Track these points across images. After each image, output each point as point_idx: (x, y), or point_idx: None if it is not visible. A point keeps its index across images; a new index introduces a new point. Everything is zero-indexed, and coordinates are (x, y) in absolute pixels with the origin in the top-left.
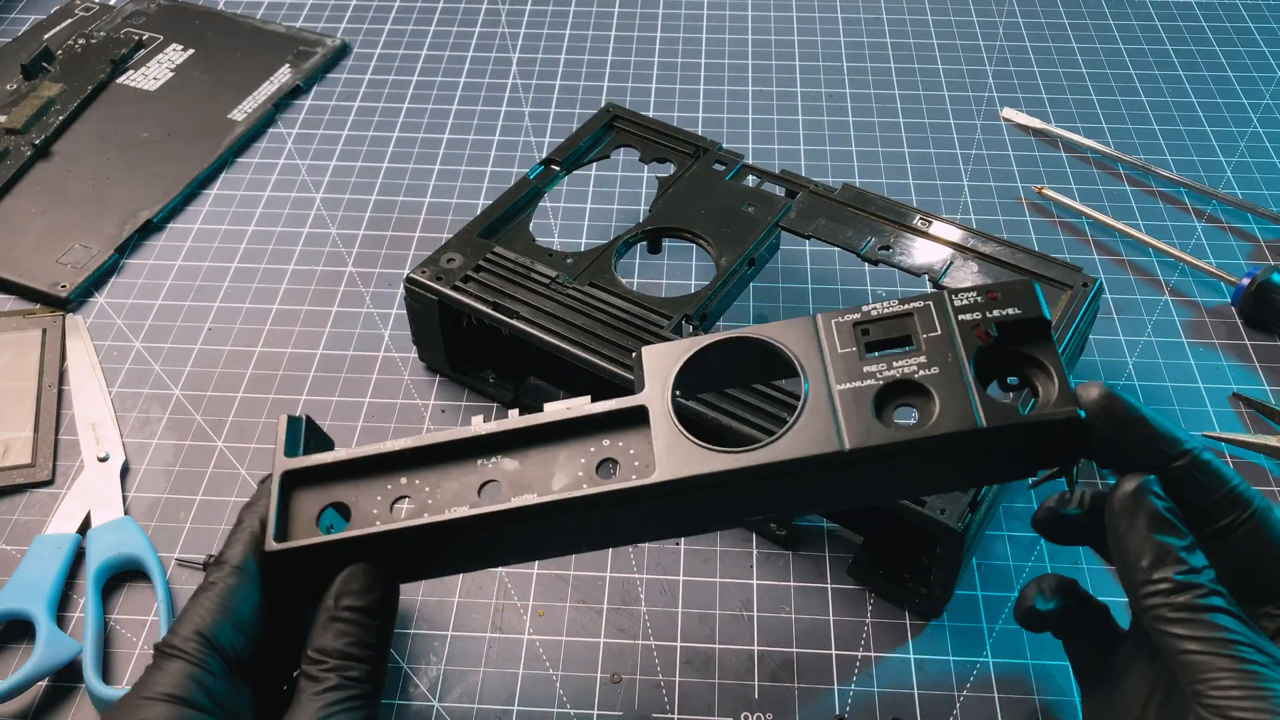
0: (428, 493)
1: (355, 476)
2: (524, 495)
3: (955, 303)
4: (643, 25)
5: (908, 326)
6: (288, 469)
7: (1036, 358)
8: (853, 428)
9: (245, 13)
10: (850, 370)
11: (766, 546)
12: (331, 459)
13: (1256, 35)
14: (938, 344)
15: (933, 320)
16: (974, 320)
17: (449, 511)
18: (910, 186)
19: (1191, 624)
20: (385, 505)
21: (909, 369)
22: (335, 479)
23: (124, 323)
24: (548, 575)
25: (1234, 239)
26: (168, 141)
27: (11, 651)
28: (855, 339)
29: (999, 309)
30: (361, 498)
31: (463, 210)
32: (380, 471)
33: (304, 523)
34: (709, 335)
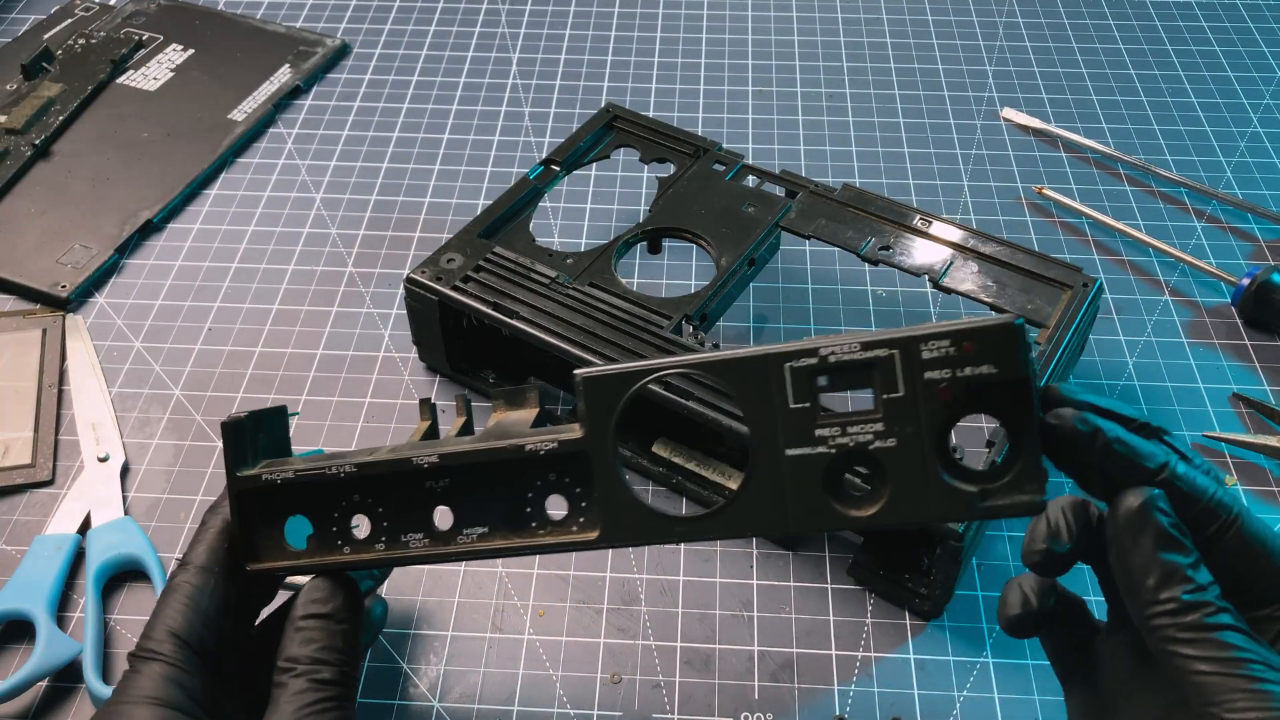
0: (382, 513)
1: (309, 493)
2: (474, 529)
3: (924, 355)
4: (643, 25)
5: (868, 379)
6: (242, 488)
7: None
8: (798, 506)
9: (245, 13)
10: (801, 432)
11: (766, 546)
12: (280, 476)
13: (1256, 35)
14: (899, 409)
15: (895, 377)
16: (942, 379)
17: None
18: (910, 186)
19: (1202, 644)
20: (343, 520)
21: (864, 437)
22: (290, 496)
23: (124, 323)
24: (548, 575)
25: (1234, 239)
26: (168, 141)
27: (11, 651)
28: (809, 390)
29: (973, 365)
30: (319, 511)
31: (463, 210)
32: (333, 488)
33: (270, 539)
34: (653, 365)
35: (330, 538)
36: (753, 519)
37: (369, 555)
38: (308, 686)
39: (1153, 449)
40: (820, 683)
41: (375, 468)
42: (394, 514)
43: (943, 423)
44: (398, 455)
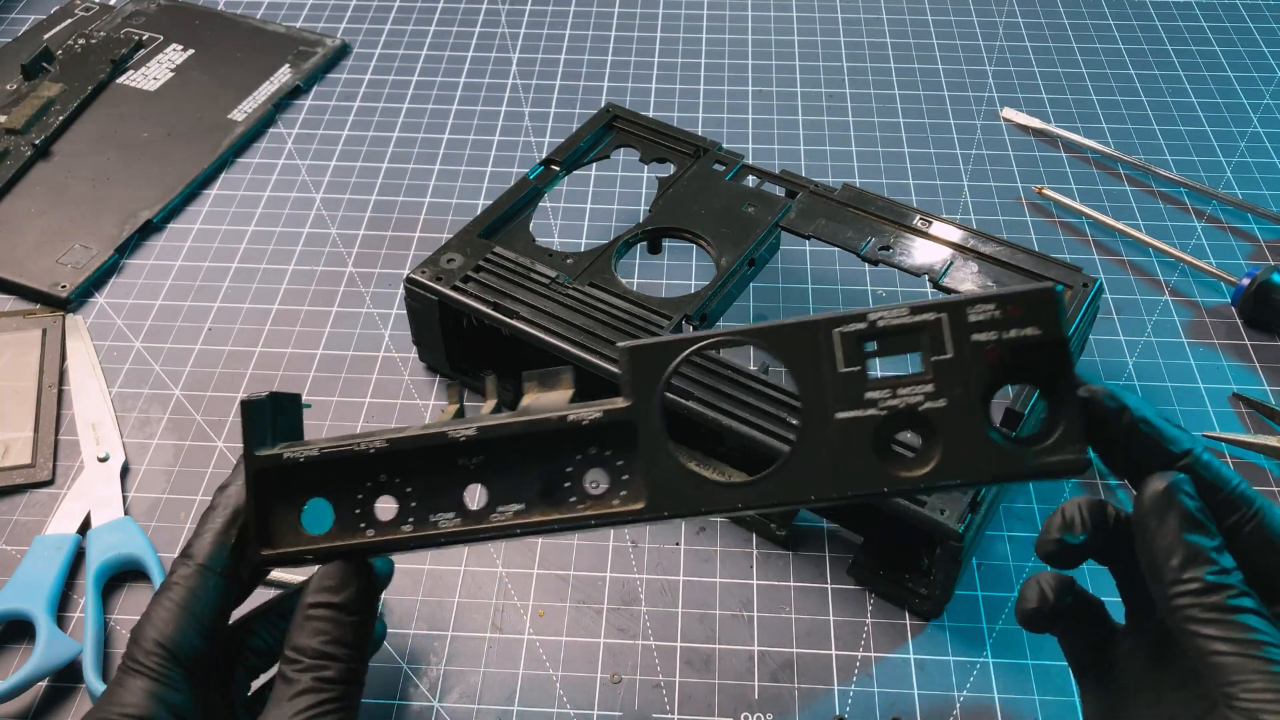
0: (410, 493)
1: (333, 471)
2: (509, 505)
3: (971, 318)
4: (643, 25)
5: (916, 343)
6: (260, 467)
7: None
8: (849, 470)
9: (245, 13)
10: (851, 395)
11: (766, 547)
12: (304, 455)
13: (1256, 35)
14: (948, 370)
15: (943, 339)
16: (989, 341)
17: (436, 522)
18: (910, 186)
19: (1222, 625)
20: (367, 502)
21: (914, 398)
22: (313, 475)
23: (124, 323)
24: (548, 575)
25: (1234, 239)
26: (168, 141)
27: (12, 652)
28: (858, 355)
29: (1017, 328)
30: (341, 492)
31: (463, 210)
32: (358, 467)
33: (286, 522)
34: (699, 336)
35: (352, 520)
36: (803, 483)
37: (395, 536)
38: (312, 685)
39: (1178, 434)
40: (820, 683)
41: (407, 443)
42: (423, 493)
43: (989, 385)
44: (431, 430)
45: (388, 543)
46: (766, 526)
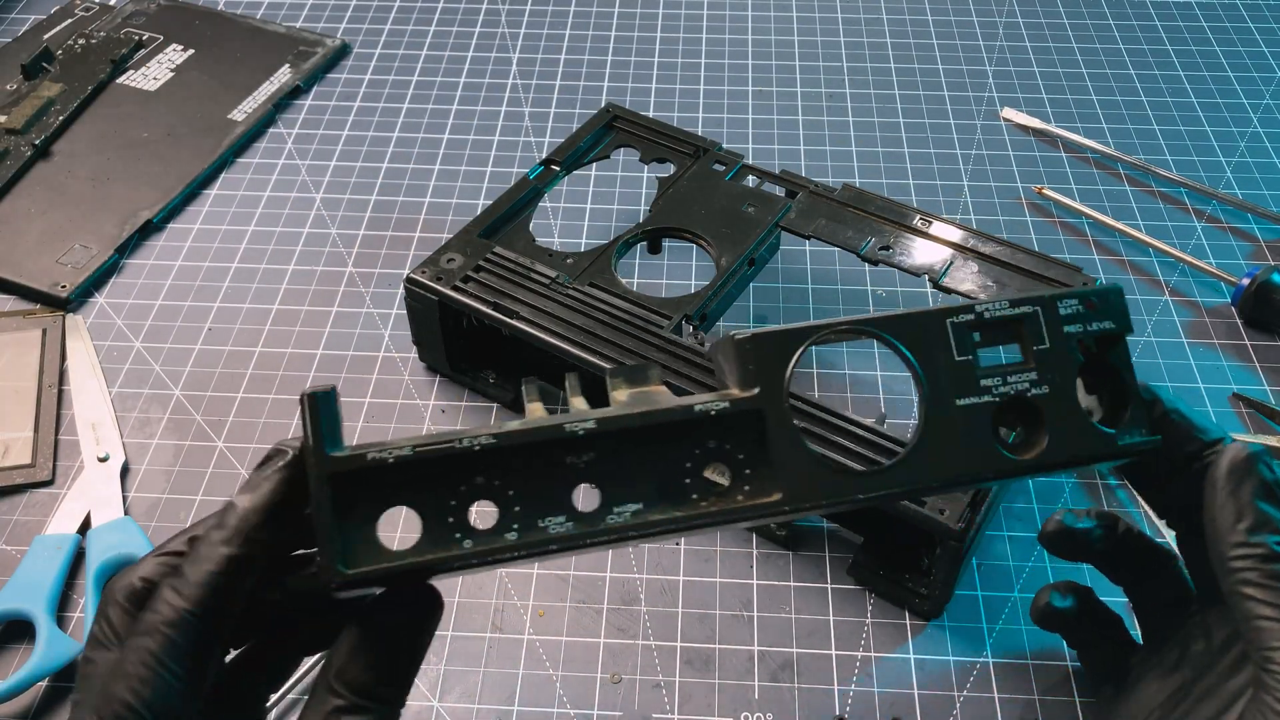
0: (512, 497)
1: (420, 476)
2: (625, 506)
3: (1062, 311)
4: (643, 25)
5: (1017, 334)
6: (335, 470)
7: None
8: (971, 454)
9: (245, 13)
10: (968, 383)
11: (766, 546)
12: (394, 455)
13: (1256, 35)
14: (1047, 359)
15: (1041, 330)
16: (1078, 333)
17: (545, 528)
18: (910, 186)
19: (1275, 592)
20: (461, 509)
21: (1021, 385)
22: (395, 480)
23: (124, 323)
24: (548, 575)
25: (1234, 239)
26: (168, 141)
27: (12, 652)
28: (969, 344)
29: (1096, 321)
30: (430, 499)
31: (463, 210)
32: (451, 470)
33: (362, 535)
34: (821, 324)
35: (444, 531)
36: (932, 468)
37: (499, 546)
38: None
39: (1209, 424)
40: (820, 683)
41: (516, 438)
42: (527, 496)
43: (1077, 373)
44: (543, 424)
45: (490, 554)
46: (767, 526)
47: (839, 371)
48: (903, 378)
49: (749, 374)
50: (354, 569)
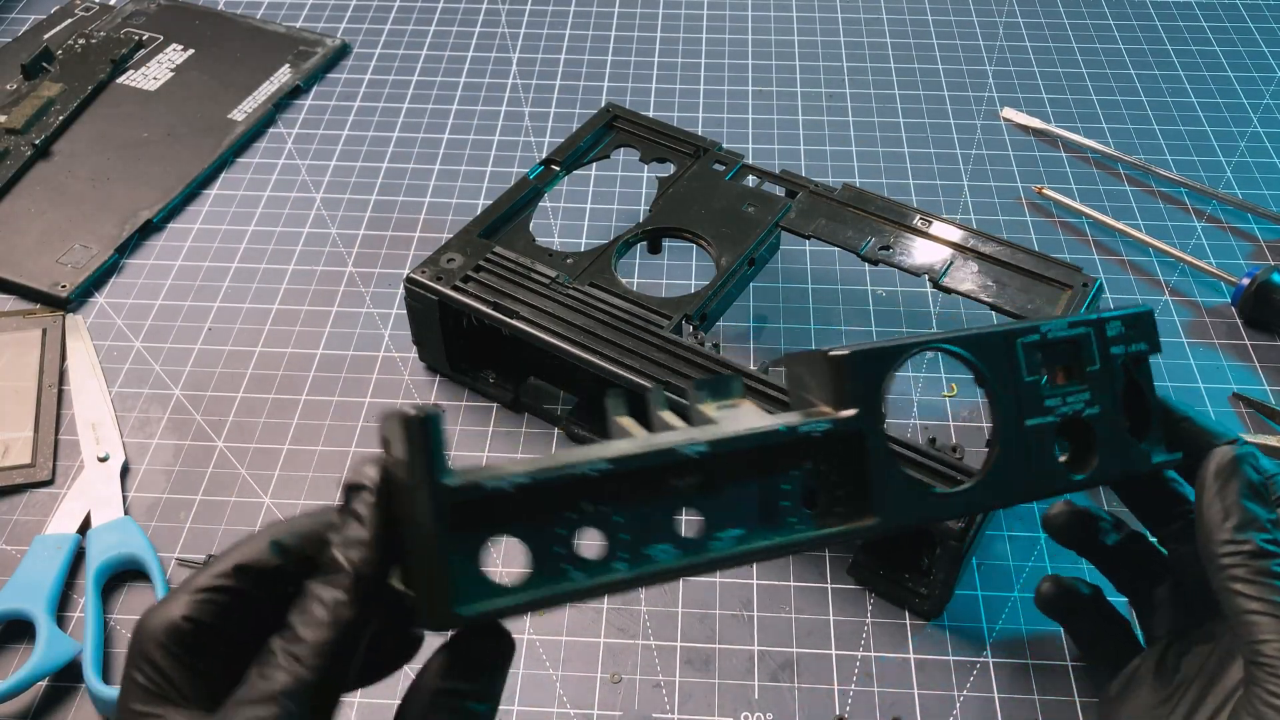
0: (619, 524)
1: (529, 503)
2: (728, 531)
3: (1109, 332)
4: (643, 25)
5: (1075, 355)
6: (455, 501)
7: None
8: (1038, 472)
9: (245, 13)
10: (1035, 403)
11: None
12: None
13: (1256, 35)
14: (1098, 380)
15: (1093, 350)
16: (1121, 354)
17: (653, 557)
18: (910, 186)
19: (1262, 587)
20: (568, 539)
21: (1078, 405)
22: (507, 508)
23: (124, 323)
24: None
25: (1234, 239)
26: (168, 141)
27: (12, 651)
28: (1037, 365)
29: (1135, 343)
30: (539, 530)
31: (463, 210)
32: (561, 496)
33: (468, 572)
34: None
35: (553, 563)
36: (1009, 486)
37: (612, 578)
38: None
39: (1221, 428)
40: (820, 683)
41: (634, 461)
42: (633, 523)
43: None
44: (659, 445)
45: (602, 589)
46: None
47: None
48: (902, 377)
49: (845, 392)
50: (469, 609)
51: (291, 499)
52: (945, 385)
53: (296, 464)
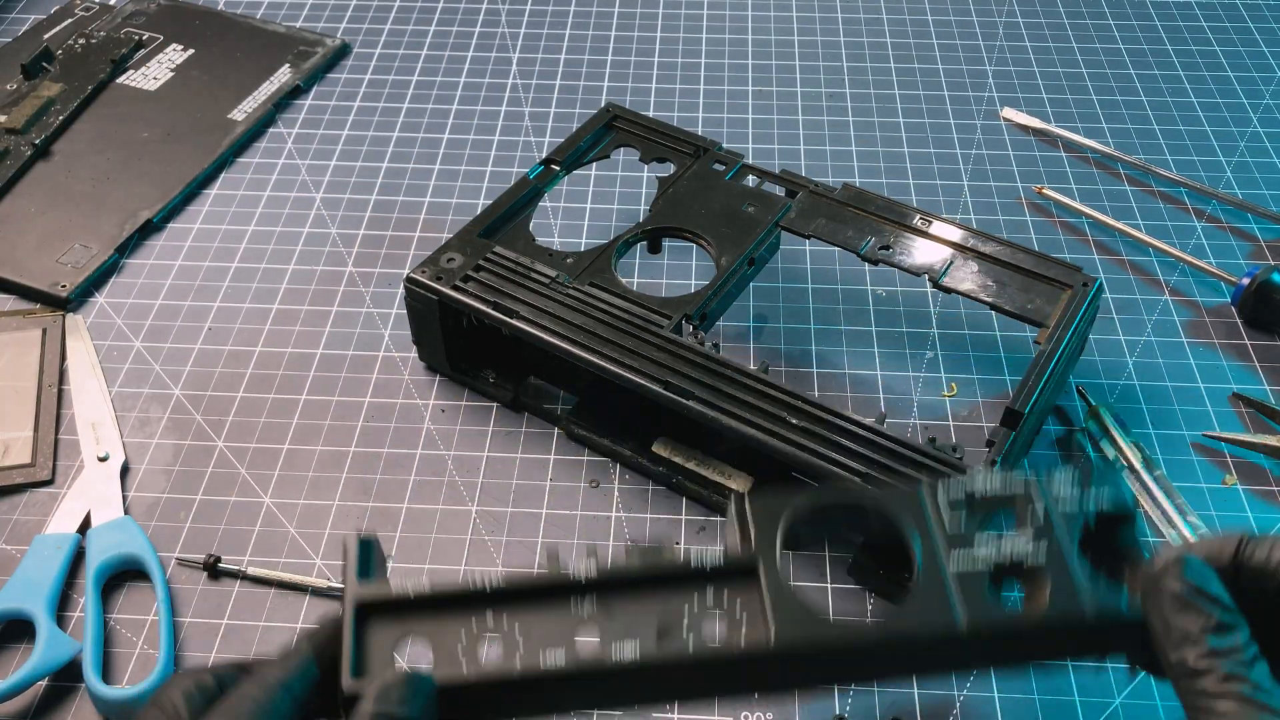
0: (518, 635)
1: (437, 610)
2: (624, 645)
3: (1056, 488)
4: (643, 25)
5: (1013, 504)
6: (362, 599)
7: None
8: (970, 610)
9: (245, 13)
10: (961, 549)
11: None
12: (413, 593)
13: (1256, 35)
14: (1042, 527)
15: (1035, 503)
16: (1073, 509)
17: (544, 658)
18: (910, 186)
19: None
20: (471, 644)
21: (1018, 552)
22: (415, 611)
23: (124, 323)
24: None
25: (1234, 239)
26: (168, 141)
27: (11, 651)
28: (963, 514)
29: (1092, 498)
30: (443, 633)
31: (463, 210)
32: (463, 607)
33: (380, 658)
34: (819, 490)
35: (455, 663)
36: (925, 623)
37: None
38: None
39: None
40: None
41: (525, 580)
42: (532, 635)
43: (1079, 539)
44: (550, 572)
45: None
46: None
47: (839, 371)
48: (902, 377)
49: (747, 529)
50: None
51: (291, 499)
52: (945, 385)
53: (296, 464)
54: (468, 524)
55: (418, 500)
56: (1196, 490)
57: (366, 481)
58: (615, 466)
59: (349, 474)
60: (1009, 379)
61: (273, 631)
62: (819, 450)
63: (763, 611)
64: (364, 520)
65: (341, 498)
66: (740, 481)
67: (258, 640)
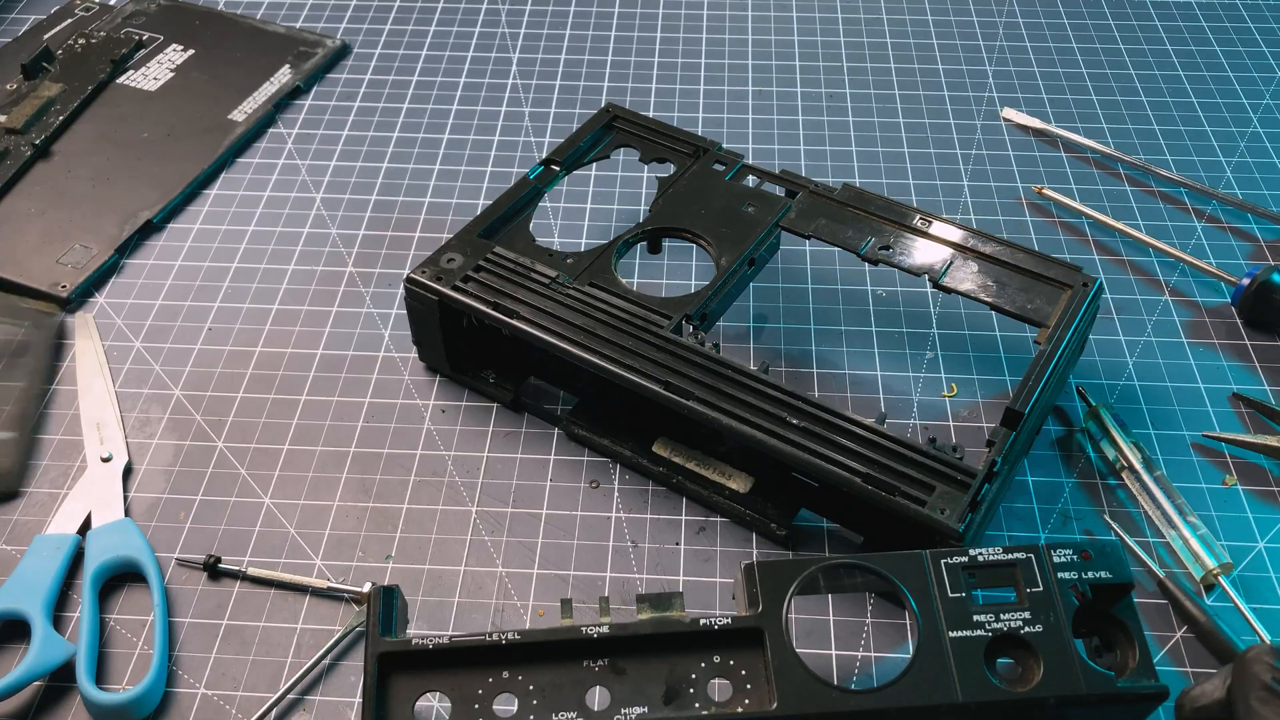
0: (532, 691)
1: (455, 664)
2: (632, 708)
3: (1054, 560)
4: (643, 25)
5: (1011, 577)
6: (384, 651)
7: (1121, 622)
8: (966, 680)
9: (245, 13)
10: (961, 618)
11: (766, 546)
12: (432, 645)
13: (1256, 35)
14: (1040, 600)
15: (1035, 574)
16: (1071, 579)
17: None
18: (910, 186)
19: None
20: (486, 699)
21: (1015, 623)
22: (434, 664)
23: (124, 323)
24: (548, 575)
25: (1234, 239)
26: (168, 141)
27: (8, 652)
28: (963, 584)
29: (1092, 570)
30: (461, 687)
31: (463, 210)
32: (481, 662)
33: (400, 709)
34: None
35: (471, 715)
36: (923, 690)
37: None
38: None
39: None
40: None
41: (539, 635)
42: (545, 692)
43: (1075, 613)
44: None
45: None
46: (767, 525)
47: (839, 371)
48: (902, 377)
49: (755, 596)
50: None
51: (291, 499)
52: (945, 385)
53: (296, 464)
54: (468, 524)
55: (418, 500)
56: (1196, 490)
57: (366, 482)
58: (615, 466)
59: (349, 474)
60: (1009, 379)
61: (272, 632)
62: (819, 450)
63: (768, 678)
64: (364, 520)
65: (341, 498)
66: (740, 481)
67: (257, 641)
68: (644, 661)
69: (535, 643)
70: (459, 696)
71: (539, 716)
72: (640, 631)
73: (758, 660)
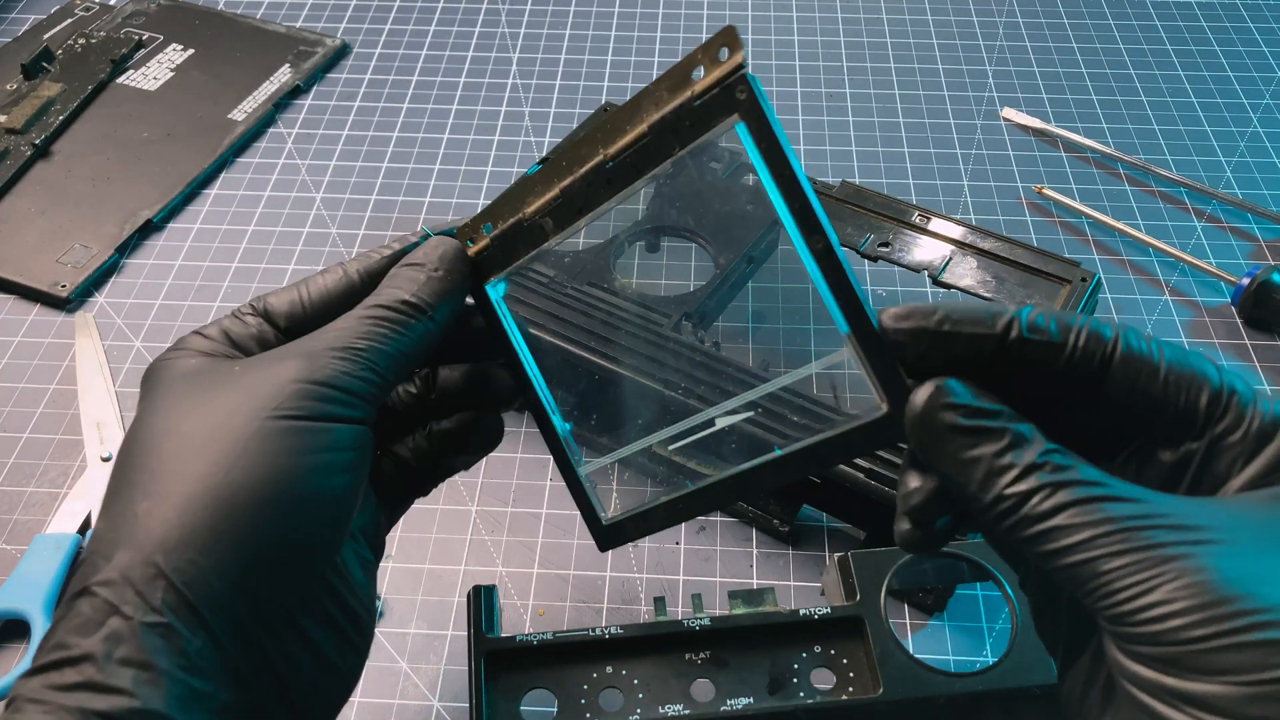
0: (636, 685)
1: (558, 660)
2: (738, 699)
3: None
4: (643, 25)
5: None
6: (490, 649)
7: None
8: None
9: (245, 13)
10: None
11: (766, 545)
12: (537, 642)
13: (1256, 35)
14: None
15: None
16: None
17: (665, 715)
18: (910, 186)
19: (1055, 533)
20: (592, 693)
21: None
22: (538, 661)
23: (124, 323)
24: (548, 575)
25: (1234, 239)
26: (168, 141)
27: (7, 652)
28: None
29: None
30: (565, 683)
31: (463, 210)
32: (585, 658)
33: (507, 710)
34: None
35: (578, 712)
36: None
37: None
38: (378, 310)
39: (989, 312)
40: None
41: (641, 629)
42: (650, 686)
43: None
44: (666, 620)
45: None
46: (769, 521)
47: (839, 372)
48: None
49: (850, 585)
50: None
51: None
52: None
53: None
54: (468, 524)
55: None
56: None
57: None
58: (615, 466)
59: None
60: None
61: None
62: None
63: (870, 666)
64: None
65: None
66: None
67: None
68: (746, 653)
69: (638, 637)
70: (564, 692)
71: (645, 710)
72: (741, 623)
73: (859, 649)
